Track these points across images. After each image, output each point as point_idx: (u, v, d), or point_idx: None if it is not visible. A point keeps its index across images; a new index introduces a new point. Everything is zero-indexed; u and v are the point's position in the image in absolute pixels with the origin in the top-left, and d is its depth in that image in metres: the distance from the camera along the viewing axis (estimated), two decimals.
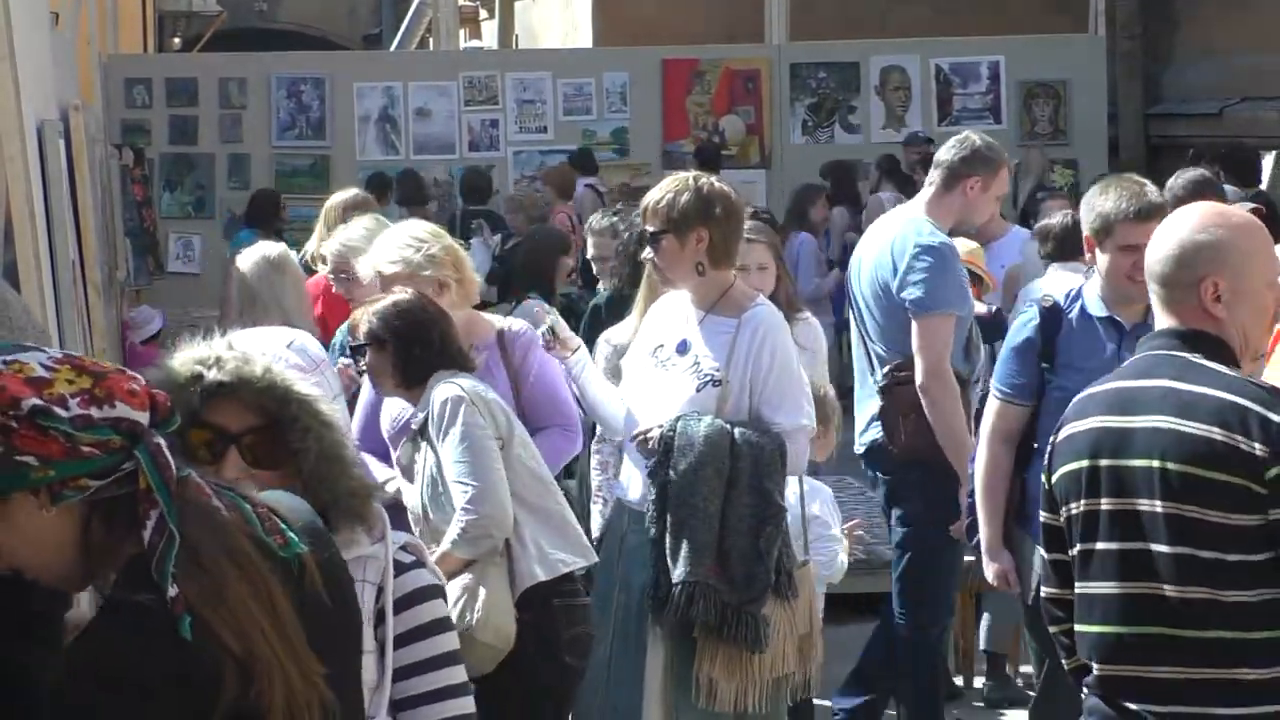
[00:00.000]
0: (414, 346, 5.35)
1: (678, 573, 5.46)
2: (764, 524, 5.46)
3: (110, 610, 2.42)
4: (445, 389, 5.26)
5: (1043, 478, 3.80)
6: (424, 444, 5.31)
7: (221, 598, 2.37)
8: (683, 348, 5.65)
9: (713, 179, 5.76)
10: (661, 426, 5.54)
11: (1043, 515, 3.79)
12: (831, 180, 14.57)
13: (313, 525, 2.62)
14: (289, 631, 2.43)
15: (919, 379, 6.70)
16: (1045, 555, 3.83)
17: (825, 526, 6.48)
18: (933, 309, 6.70)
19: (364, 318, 5.46)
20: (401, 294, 5.55)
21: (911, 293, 6.72)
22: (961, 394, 6.75)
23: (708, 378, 5.56)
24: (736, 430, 5.47)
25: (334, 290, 7.22)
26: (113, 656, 2.36)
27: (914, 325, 6.74)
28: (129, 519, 2.41)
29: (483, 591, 5.14)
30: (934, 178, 6.99)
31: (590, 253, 8.49)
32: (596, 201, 13.59)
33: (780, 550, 5.53)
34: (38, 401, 2.37)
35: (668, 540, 5.50)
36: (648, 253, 5.71)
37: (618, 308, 7.10)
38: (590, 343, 6.46)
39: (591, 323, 7.45)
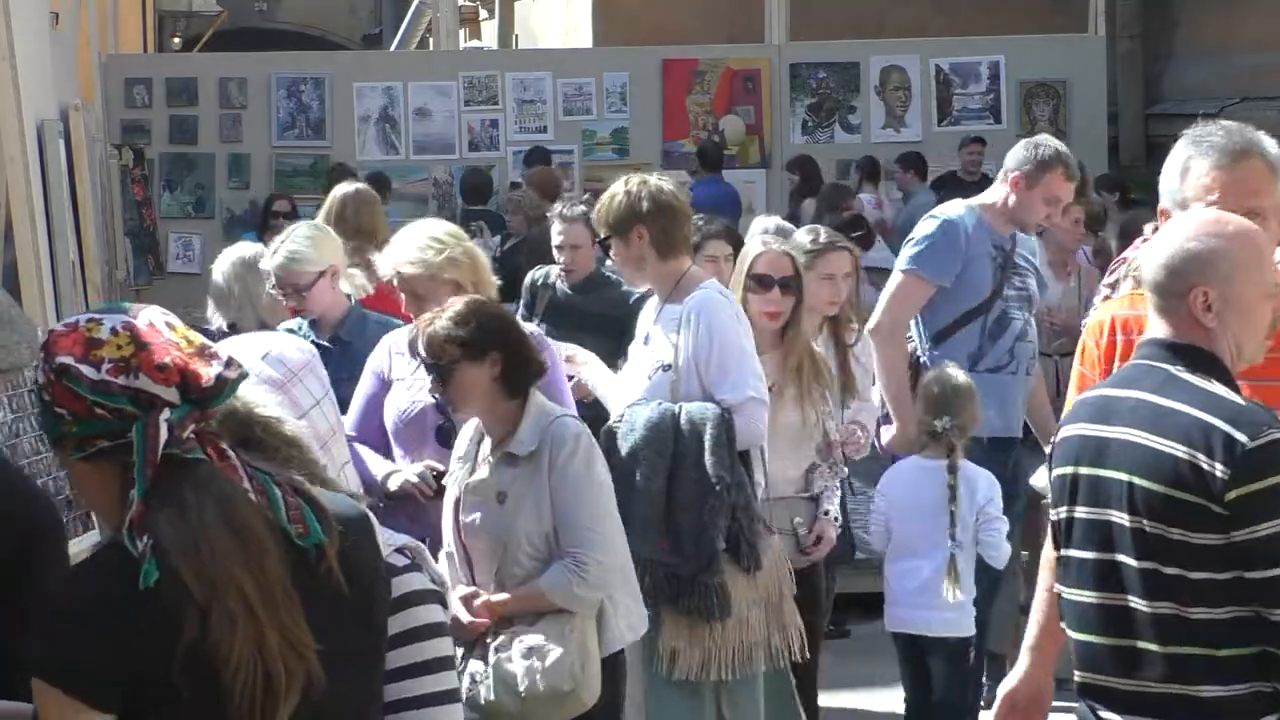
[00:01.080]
0: (516, 356, 4.98)
1: None
2: (706, 495, 5.57)
3: (94, 554, 2.63)
4: (572, 423, 4.99)
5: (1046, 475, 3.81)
6: (527, 468, 4.97)
7: (196, 549, 2.49)
8: (647, 339, 5.90)
9: (646, 178, 5.93)
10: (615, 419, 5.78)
11: (1050, 513, 3.77)
12: (799, 174, 14.67)
13: (348, 518, 2.68)
14: (277, 599, 2.53)
15: (871, 322, 6.98)
16: (1051, 554, 3.82)
17: (995, 506, 6.53)
18: (910, 267, 6.97)
19: (445, 329, 4.94)
20: (475, 297, 5.21)
21: (904, 250, 7.05)
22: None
23: (657, 365, 5.78)
24: (682, 411, 5.64)
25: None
26: (80, 589, 2.57)
27: (892, 276, 7.06)
28: None
29: (593, 649, 4.94)
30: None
31: (557, 240, 8.07)
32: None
33: (740, 521, 5.64)
34: (65, 360, 2.55)
35: None
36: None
37: None
38: None
39: None
